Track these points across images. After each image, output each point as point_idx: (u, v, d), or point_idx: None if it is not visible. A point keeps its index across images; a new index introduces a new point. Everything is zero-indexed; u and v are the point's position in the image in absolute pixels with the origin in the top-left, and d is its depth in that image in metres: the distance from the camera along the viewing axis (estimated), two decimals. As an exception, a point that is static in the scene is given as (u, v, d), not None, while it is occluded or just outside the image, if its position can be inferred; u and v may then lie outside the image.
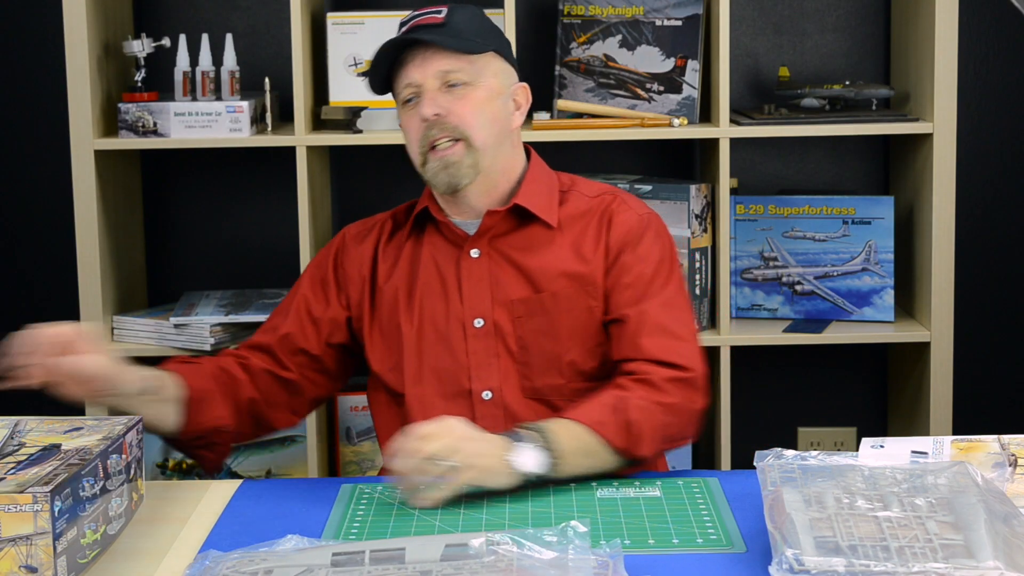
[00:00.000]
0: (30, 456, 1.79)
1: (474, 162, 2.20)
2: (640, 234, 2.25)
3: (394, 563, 1.62)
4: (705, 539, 1.81)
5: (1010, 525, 1.62)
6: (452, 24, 2.20)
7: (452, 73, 2.19)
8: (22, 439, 1.88)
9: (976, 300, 3.48)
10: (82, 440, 1.85)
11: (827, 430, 3.57)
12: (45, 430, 1.91)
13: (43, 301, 3.53)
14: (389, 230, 2.35)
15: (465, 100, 2.19)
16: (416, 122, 2.21)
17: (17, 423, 1.95)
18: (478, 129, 2.20)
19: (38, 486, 1.65)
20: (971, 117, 3.43)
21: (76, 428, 1.91)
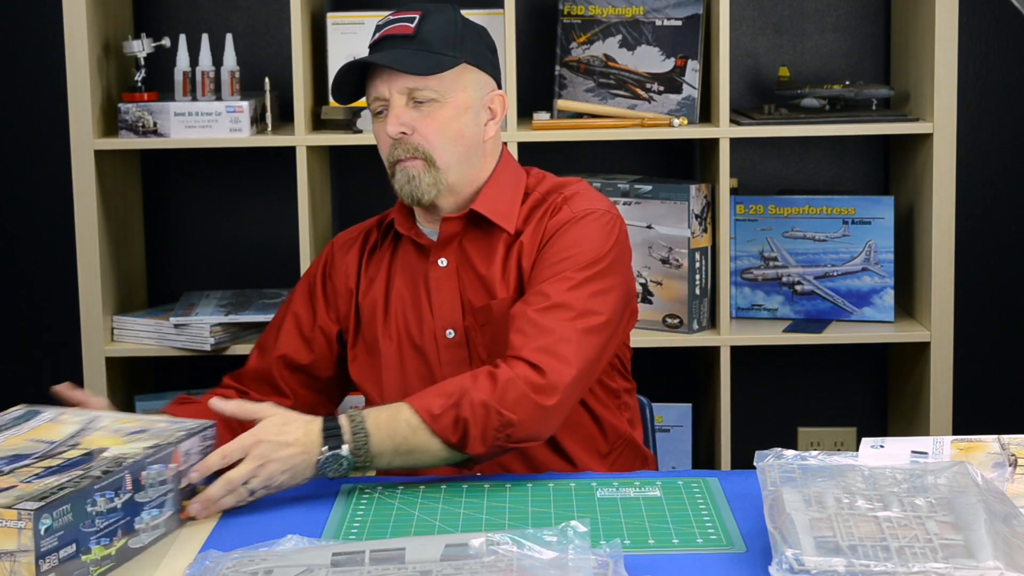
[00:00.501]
0: (65, 462, 1.80)
1: (435, 180, 2.19)
2: (565, 230, 2.18)
3: (394, 563, 1.62)
4: (705, 539, 1.81)
5: (1010, 525, 1.62)
6: (423, 35, 2.17)
7: (418, 91, 2.16)
8: (82, 438, 1.90)
9: (976, 300, 3.48)
10: (134, 446, 1.86)
11: (827, 430, 3.57)
12: (112, 429, 1.93)
13: (43, 301, 3.53)
14: (373, 241, 2.35)
15: (430, 118, 2.17)
16: (384, 135, 2.21)
17: (93, 419, 1.97)
18: (441, 149, 2.18)
19: (30, 501, 1.65)
20: (971, 117, 3.43)
21: (141, 431, 1.92)
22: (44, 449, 1.85)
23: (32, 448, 1.85)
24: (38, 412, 2.00)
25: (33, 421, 1.97)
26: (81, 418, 1.98)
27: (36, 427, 1.94)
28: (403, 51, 2.16)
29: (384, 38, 2.19)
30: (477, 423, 1.99)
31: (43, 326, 3.53)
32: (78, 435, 1.91)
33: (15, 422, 1.97)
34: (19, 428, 1.94)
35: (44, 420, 1.97)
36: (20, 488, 1.70)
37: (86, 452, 1.84)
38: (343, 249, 2.35)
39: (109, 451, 1.84)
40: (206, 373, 3.42)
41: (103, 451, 1.84)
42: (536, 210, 2.24)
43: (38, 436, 1.91)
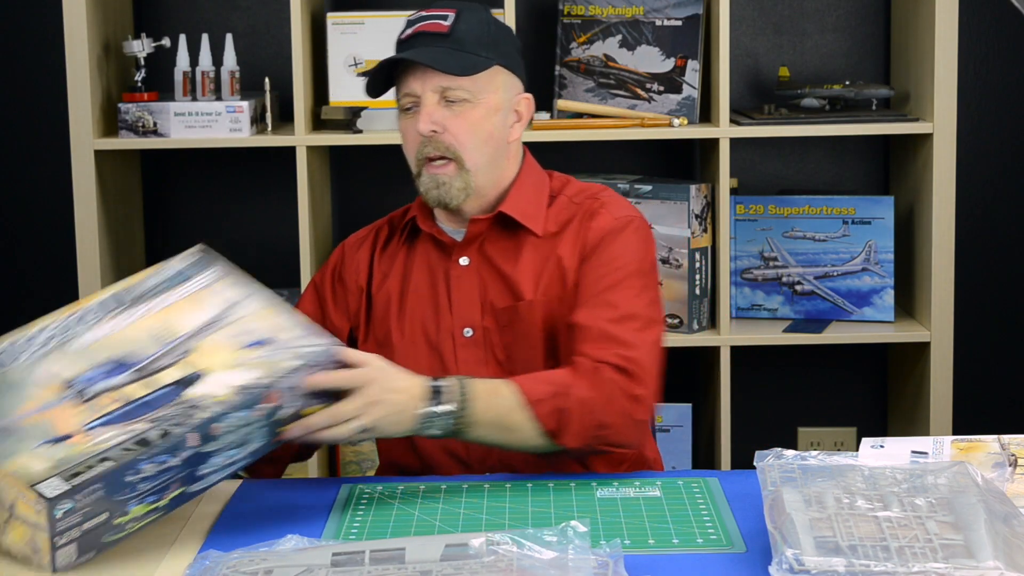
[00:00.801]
0: (151, 394, 1.82)
1: (464, 184, 2.18)
2: (611, 238, 2.20)
3: (394, 563, 1.62)
4: (705, 539, 1.81)
5: (1010, 525, 1.62)
6: (457, 34, 2.17)
7: (451, 90, 2.16)
8: (198, 343, 1.88)
9: (976, 300, 3.48)
10: (235, 376, 1.84)
11: (827, 430, 3.57)
12: (235, 334, 1.90)
13: (43, 301, 3.53)
14: (385, 237, 2.33)
15: (462, 118, 2.17)
16: (413, 132, 2.19)
17: (235, 304, 1.94)
18: (471, 150, 2.17)
19: (54, 480, 1.69)
20: (971, 117, 3.43)
21: (262, 342, 1.90)
22: (150, 356, 1.85)
23: (142, 350, 1.86)
24: (205, 266, 1.97)
25: (187, 285, 1.95)
26: (227, 297, 1.94)
27: (178, 301, 1.93)
28: (438, 49, 2.15)
29: (417, 34, 2.18)
30: (576, 418, 2.02)
31: (43, 326, 3.53)
32: (201, 333, 1.89)
33: (172, 281, 1.95)
34: (164, 296, 1.93)
35: (196, 287, 1.95)
36: (71, 445, 1.74)
37: (181, 379, 1.83)
38: (353, 248, 2.34)
39: (204, 382, 1.83)
40: (206, 373, 3.42)
41: (198, 379, 1.83)
42: (569, 214, 2.24)
43: (166, 322, 1.89)
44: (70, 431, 1.77)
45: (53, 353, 1.86)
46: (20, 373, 1.85)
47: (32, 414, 1.79)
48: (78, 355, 1.86)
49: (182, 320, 1.90)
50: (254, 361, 1.87)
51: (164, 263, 1.98)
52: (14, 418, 1.79)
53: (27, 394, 1.82)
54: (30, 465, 1.74)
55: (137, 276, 1.96)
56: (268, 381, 1.84)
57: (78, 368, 1.84)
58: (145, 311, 1.91)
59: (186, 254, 1.99)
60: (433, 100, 2.16)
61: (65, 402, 1.80)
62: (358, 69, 3.20)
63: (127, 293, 1.93)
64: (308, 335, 1.91)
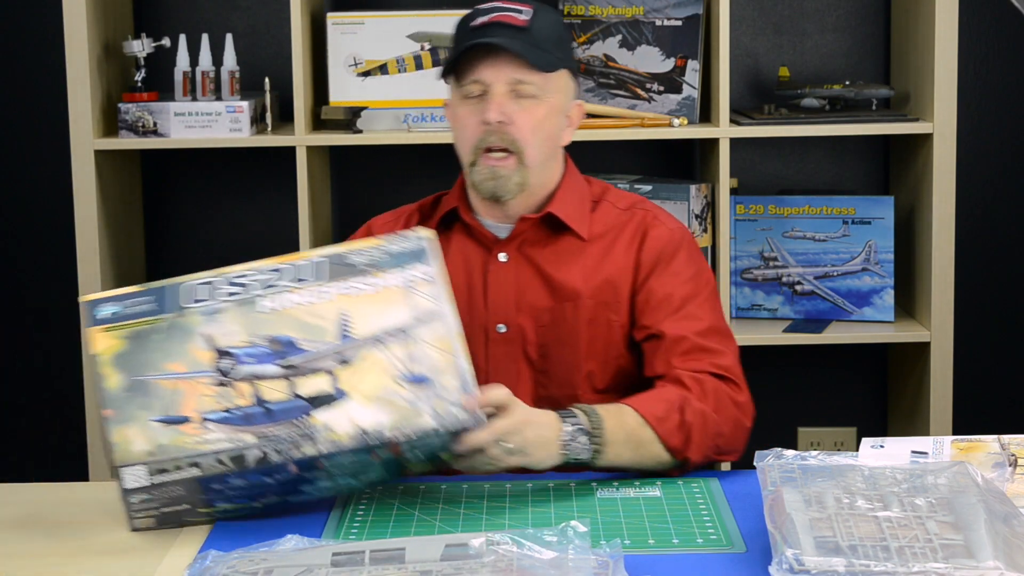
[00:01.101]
0: (266, 404, 1.82)
1: (522, 180, 2.18)
2: (673, 251, 2.23)
3: (394, 563, 1.62)
4: (705, 539, 1.81)
5: (1010, 525, 1.62)
6: (534, 31, 2.16)
7: (524, 84, 2.16)
8: (360, 353, 1.85)
9: (976, 300, 3.48)
10: (372, 414, 1.81)
11: (827, 430, 3.57)
12: (399, 357, 1.85)
13: (43, 301, 3.53)
14: (415, 223, 2.32)
15: (529, 114, 2.17)
16: (476, 121, 2.18)
17: (417, 325, 1.87)
18: (533, 147, 2.18)
19: (140, 471, 1.78)
20: (971, 117, 3.43)
21: (417, 379, 1.84)
22: (311, 353, 1.84)
23: (311, 338, 1.84)
24: (423, 259, 1.91)
25: (397, 273, 1.89)
26: (422, 308, 1.88)
27: (378, 291, 1.88)
28: (518, 42, 2.15)
29: (494, 24, 2.17)
30: (698, 430, 2.04)
31: (43, 326, 3.53)
32: (374, 342, 1.85)
33: (388, 262, 1.90)
34: (373, 277, 1.89)
35: (402, 280, 1.89)
36: (179, 433, 1.78)
37: (319, 395, 1.82)
38: (384, 229, 2.31)
39: (336, 408, 1.82)
40: (206, 373, 3.42)
41: (334, 401, 1.82)
42: (616, 220, 2.26)
43: (353, 312, 1.86)
44: (190, 414, 1.81)
45: (231, 310, 1.87)
46: (192, 319, 1.86)
47: (172, 377, 1.83)
48: (250, 321, 1.86)
49: (368, 317, 1.86)
50: (396, 401, 1.84)
51: (391, 236, 1.93)
52: (157, 373, 1.83)
53: (186, 348, 1.84)
54: (133, 441, 1.80)
55: (362, 242, 1.92)
56: (393, 435, 1.82)
57: (241, 337, 1.85)
58: (343, 290, 1.87)
59: (415, 236, 1.93)
60: (503, 91, 2.16)
61: (206, 376, 1.83)
62: (358, 69, 3.20)
63: (342, 258, 1.89)
64: (462, 394, 1.85)
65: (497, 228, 2.26)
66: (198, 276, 1.90)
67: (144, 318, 1.86)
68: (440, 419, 1.83)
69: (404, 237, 1.92)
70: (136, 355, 1.85)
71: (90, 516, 1.97)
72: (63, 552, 1.83)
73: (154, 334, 1.86)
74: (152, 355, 1.85)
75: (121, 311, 1.87)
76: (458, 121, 2.21)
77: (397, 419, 1.82)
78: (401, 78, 3.19)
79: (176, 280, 1.90)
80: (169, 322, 1.86)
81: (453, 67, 2.19)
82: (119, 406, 1.83)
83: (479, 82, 2.17)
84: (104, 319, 1.87)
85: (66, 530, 1.91)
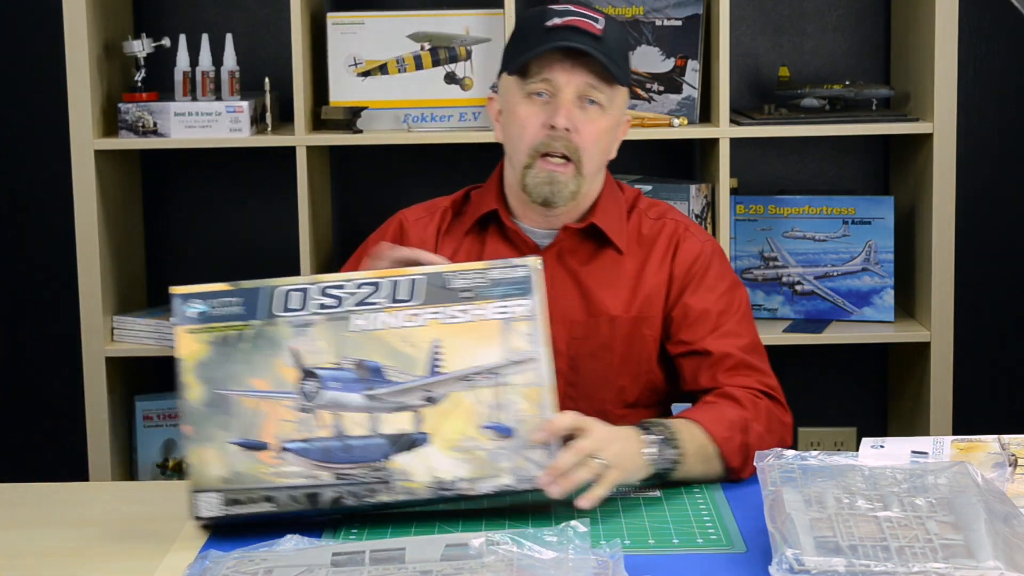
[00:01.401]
0: (345, 439, 1.79)
1: (577, 188, 2.16)
2: (706, 265, 2.23)
3: (394, 563, 1.62)
4: (705, 539, 1.81)
5: (1010, 525, 1.62)
6: (607, 41, 2.14)
7: (594, 92, 2.13)
8: (438, 393, 1.82)
9: (976, 300, 3.48)
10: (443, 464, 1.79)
11: (827, 430, 3.57)
12: (486, 402, 1.80)
13: (43, 301, 3.53)
14: (449, 220, 2.29)
15: (593, 124, 2.14)
16: (538, 122, 2.14)
17: (511, 365, 1.82)
18: (592, 157, 2.16)
19: (214, 499, 1.78)
20: (971, 117, 3.43)
21: (500, 429, 1.80)
22: (398, 385, 1.80)
23: (400, 368, 1.80)
24: (528, 292, 1.84)
25: (499, 305, 1.83)
26: (516, 350, 1.82)
27: (478, 321, 1.82)
28: (597, 49, 2.12)
29: (570, 27, 2.13)
30: (754, 451, 2.02)
31: (43, 326, 3.53)
32: (464, 381, 1.81)
33: (494, 289, 1.84)
34: (476, 305, 1.83)
35: (504, 314, 1.83)
36: (257, 460, 1.77)
37: (400, 435, 1.79)
38: (417, 224, 2.29)
39: (416, 454, 1.79)
40: (206, 373, 3.42)
41: (414, 445, 1.79)
42: (648, 231, 2.25)
43: (449, 343, 1.81)
44: (269, 440, 1.78)
45: (321, 324, 1.82)
46: (281, 330, 1.82)
47: (255, 395, 1.80)
48: (340, 339, 1.81)
49: (460, 351, 1.82)
50: (477, 452, 1.81)
51: (497, 262, 1.86)
52: (241, 389, 1.80)
53: (271, 363, 1.80)
54: (209, 464, 1.78)
55: (465, 265, 1.86)
56: (469, 488, 1.80)
57: (328, 357, 1.81)
58: (439, 316, 1.82)
59: (523, 265, 1.86)
60: (572, 96, 2.13)
61: (289, 398, 1.79)
62: (358, 69, 3.20)
63: (442, 280, 1.84)
64: (544, 453, 1.81)
65: (534, 233, 2.23)
66: (291, 281, 1.84)
67: (231, 322, 1.82)
68: (518, 478, 1.81)
69: (511, 265, 1.86)
70: (220, 365, 1.81)
71: (90, 516, 1.97)
72: (63, 552, 1.83)
73: (240, 342, 1.81)
74: (237, 367, 1.81)
75: (208, 311, 1.82)
76: (516, 119, 2.16)
77: (474, 472, 1.80)
78: (401, 78, 3.19)
79: (268, 282, 1.84)
80: (257, 330, 1.82)
81: (525, 64, 2.14)
82: (198, 423, 1.80)
83: (549, 81, 2.13)
84: (191, 318, 1.82)
85: (66, 530, 1.91)
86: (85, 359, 3.16)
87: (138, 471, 3.31)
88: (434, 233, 2.28)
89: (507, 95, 2.20)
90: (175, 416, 3.30)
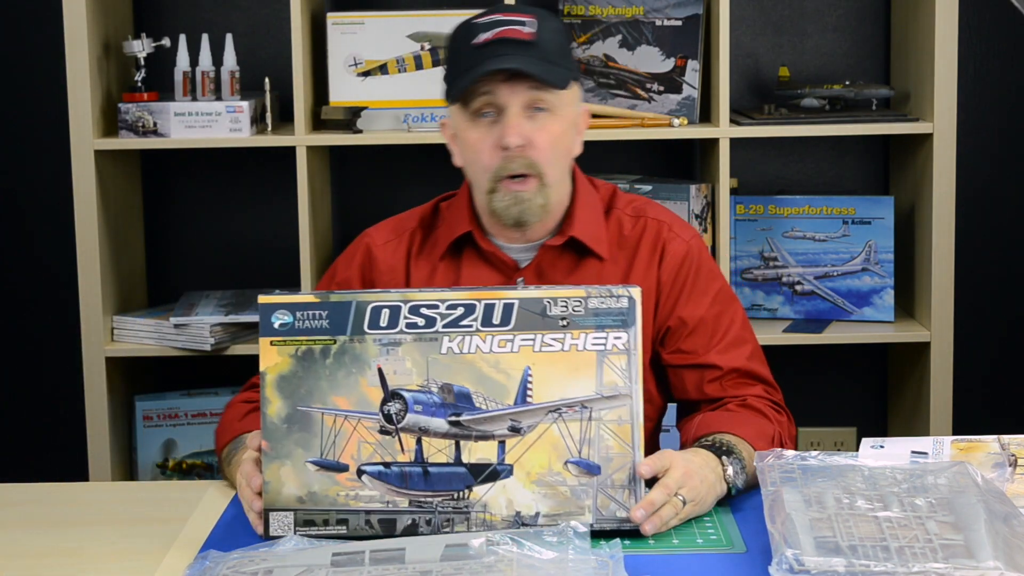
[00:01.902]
0: (425, 466, 1.76)
1: (545, 201, 2.11)
2: (695, 266, 2.19)
3: (394, 563, 1.62)
4: (705, 539, 1.81)
5: (1010, 525, 1.62)
6: (542, 43, 2.07)
7: (540, 100, 2.07)
8: (526, 423, 1.78)
9: (976, 300, 3.48)
10: (524, 498, 1.76)
11: (827, 430, 3.56)
12: (572, 436, 1.77)
13: (43, 301, 3.53)
14: (419, 241, 2.23)
15: (546, 131, 2.08)
16: (491, 145, 2.08)
17: (605, 400, 1.78)
18: (553, 165, 2.10)
19: (286, 518, 1.77)
20: (971, 117, 3.43)
21: (585, 466, 1.77)
22: (485, 412, 1.77)
23: (488, 395, 1.77)
24: (625, 324, 1.79)
25: (593, 336, 1.78)
26: (608, 384, 1.78)
27: (572, 351, 1.78)
28: (529, 59, 2.05)
29: (501, 40, 2.06)
30: None
31: (43, 326, 3.53)
32: (552, 414, 1.77)
33: (590, 319, 1.79)
34: (569, 334, 1.78)
35: (598, 345, 1.79)
36: (333, 482, 1.75)
37: (484, 465, 1.76)
38: (385, 249, 2.23)
39: (497, 486, 1.76)
40: (206, 373, 3.42)
41: (496, 477, 1.76)
42: (631, 231, 2.21)
43: (541, 371, 1.77)
44: (349, 462, 1.76)
45: (409, 342, 1.77)
46: (368, 348, 1.77)
47: (336, 413, 1.76)
48: (428, 361, 1.77)
49: (551, 381, 1.77)
50: (559, 488, 1.77)
51: (595, 290, 1.80)
52: (323, 406, 1.76)
53: (355, 380, 1.76)
54: (285, 483, 1.76)
55: (562, 290, 1.80)
56: (546, 523, 1.76)
57: (414, 379, 1.77)
58: (532, 343, 1.77)
59: (625, 295, 1.80)
60: (519, 111, 2.07)
61: (371, 419, 1.76)
62: (358, 69, 3.20)
63: (538, 306, 1.78)
64: (627, 492, 1.78)
65: (511, 249, 2.18)
66: (382, 297, 1.79)
67: (317, 336, 1.78)
68: (600, 518, 1.77)
69: (612, 295, 1.80)
70: (303, 380, 1.77)
71: (90, 516, 1.97)
72: (63, 552, 1.83)
73: (325, 358, 1.77)
74: (319, 383, 1.77)
75: (293, 323, 1.78)
76: (468, 145, 2.11)
77: (555, 508, 1.77)
78: (401, 78, 3.19)
79: (357, 296, 1.79)
80: (342, 345, 1.78)
81: (458, 90, 2.08)
82: (277, 439, 1.77)
83: (493, 103, 2.08)
84: (275, 329, 1.78)
85: (66, 530, 1.91)
86: (85, 359, 3.16)
87: (138, 471, 3.31)
88: (404, 258, 2.22)
89: (455, 120, 2.14)
90: (175, 416, 3.31)
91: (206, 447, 3.30)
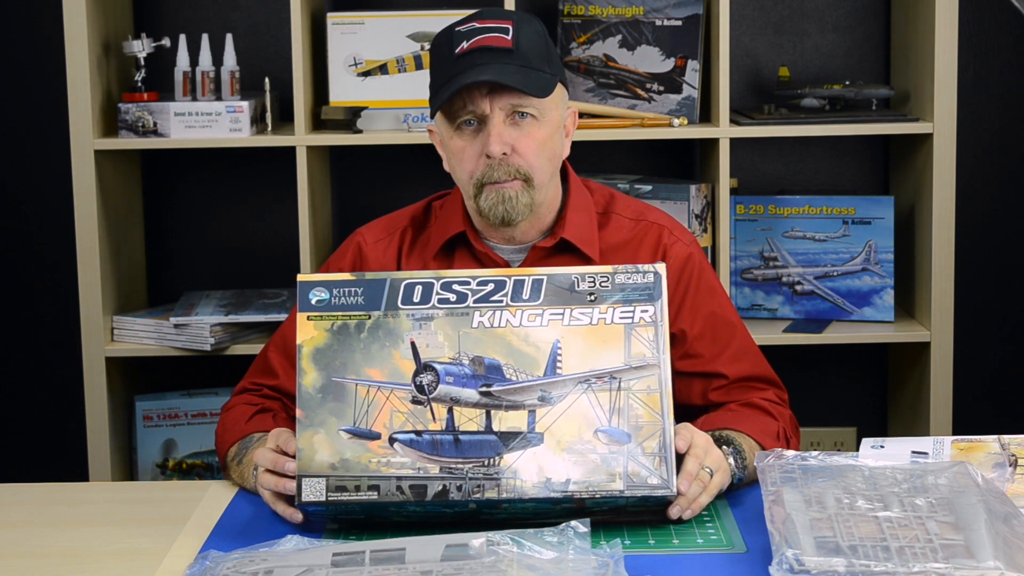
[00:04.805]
0: (456, 434, 1.78)
1: (530, 201, 2.10)
2: (696, 270, 2.20)
3: (394, 563, 1.62)
4: (705, 539, 1.81)
5: (1010, 525, 1.62)
6: (521, 49, 2.07)
7: (521, 108, 2.07)
8: (555, 394, 1.80)
9: (976, 300, 3.48)
10: (554, 466, 1.77)
11: (827, 430, 3.57)
12: (602, 406, 1.80)
13: (43, 301, 3.53)
14: (410, 239, 2.25)
15: (530, 137, 2.08)
16: (475, 153, 2.09)
17: (633, 371, 1.81)
18: (539, 170, 2.10)
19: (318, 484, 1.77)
20: (971, 117, 3.43)
21: (615, 435, 1.79)
22: (515, 383, 1.80)
23: (519, 367, 1.80)
24: (652, 296, 1.84)
25: (623, 311, 1.83)
26: (638, 354, 1.82)
27: (603, 325, 1.83)
28: (510, 67, 2.06)
29: (481, 49, 2.07)
30: None
31: (43, 326, 3.53)
32: (582, 384, 1.80)
33: (620, 294, 1.84)
34: (600, 309, 1.83)
35: (627, 318, 1.83)
36: (365, 449, 1.76)
37: (513, 432, 1.78)
38: (376, 247, 2.24)
39: (527, 454, 1.77)
40: (206, 373, 3.42)
41: (528, 445, 1.77)
42: (631, 235, 2.21)
43: (570, 344, 1.80)
44: (381, 430, 1.78)
45: (441, 317, 1.83)
46: (401, 323, 1.83)
47: (369, 384, 1.81)
48: (460, 335, 1.82)
49: (580, 353, 1.81)
50: (590, 455, 1.78)
51: (622, 267, 1.85)
52: (356, 378, 1.81)
53: (388, 354, 1.81)
54: (318, 450, 1.78)
55: (590, 268, 1.86)
56: (577, 491, 1.77)
57: (445, 352, 1.81)
58: (561, 317, 1.82)
59: (651, 271, 1.85)
60: (501, 119, 2.07)
61: (403, 389, 1.80)
62: (358, 69, 3.20)
63: (567, 282, 1.84)
64: (659, 460, 1.79)
65: (503, 250, 2.19)
66: (415, 274, 1.85)
67: (352, 311, 1.84)
68: (631, 485, 1.78)
69: (638, 271, 1.85)
70: (338, 353, 1.82)
71: (90, 516, 1.97)
72: (63, 552, 1.83)
73: (360, 332, 1.83)
74: (354, 355, 1.82)
75: (329, 299, 1.84)
76: (453, 153, 2.13)
77: (586, 475, 1.78)
78: (401, 78, 3.19)
79: (391, 274, 1.86)
80: (377, 320, 1.83)
81: (439, 103, 2.08)
82: (311, 408, 1.80)
83: (474, 112, 2.08)
84: (312, 305, 1.84)
85: (66, 530, 1.91)
86: (85, 359, 3.16)
87: (138, 471, 3.31)
88: (395, 256, 2.23)
89: (440, 128, 2.15)
90: (175, 416, 3.31)
91: (206, 447, 3.30)
